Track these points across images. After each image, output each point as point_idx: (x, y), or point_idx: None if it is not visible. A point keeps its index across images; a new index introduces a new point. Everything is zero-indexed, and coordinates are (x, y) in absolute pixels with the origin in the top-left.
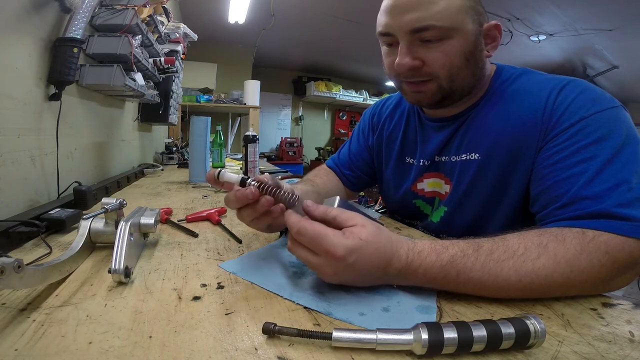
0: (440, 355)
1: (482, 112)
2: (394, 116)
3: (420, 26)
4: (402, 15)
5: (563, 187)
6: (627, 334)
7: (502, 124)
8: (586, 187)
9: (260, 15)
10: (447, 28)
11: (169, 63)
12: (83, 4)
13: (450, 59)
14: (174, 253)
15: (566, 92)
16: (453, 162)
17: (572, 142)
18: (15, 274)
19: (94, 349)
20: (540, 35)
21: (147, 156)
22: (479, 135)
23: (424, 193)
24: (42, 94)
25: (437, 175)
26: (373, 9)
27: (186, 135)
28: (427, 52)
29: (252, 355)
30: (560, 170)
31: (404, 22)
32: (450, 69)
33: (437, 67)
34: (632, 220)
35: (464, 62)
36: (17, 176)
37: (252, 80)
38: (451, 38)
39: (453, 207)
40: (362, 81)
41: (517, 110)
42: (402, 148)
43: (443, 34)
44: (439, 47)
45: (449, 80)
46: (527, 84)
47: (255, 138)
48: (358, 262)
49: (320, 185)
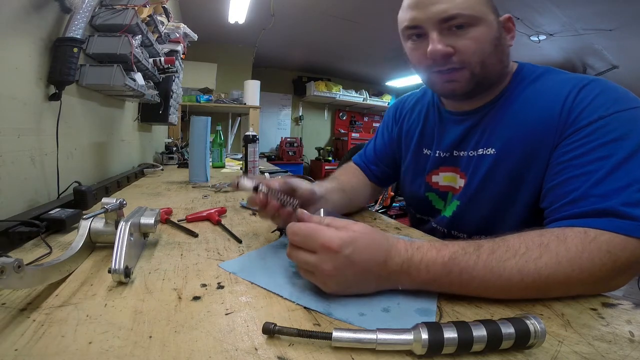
0: (440, 355)
1: (501, 108)
2: (414, 110)
3: (448, 15)
4: (429, 7)
5: (574, 184)
6: (627, 334)
7: (520, 121)
8: (597, 186)
9: (260, 15)
10: (472, 16)
11: (169, 63)
12: (83, 4)
13: (481, 45)
14: (174, 253)
15: (587, 90)
16: (470, 156)
17: (589, 140)
18: (15, 274)
19: (94, 349)
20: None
21: (147, 156)
22: (496, 131)
23: (437, 186)
24: (42, 94)
25: (453, 170)
26: (373, 9)
27: (186, 135)
28: (458, 40)
29: (252, 355)
30: (574, 168)
31: (433, 13)
32: (481, 54)
33: (469, 54)
34: (636, 219)
35: (493, 49)
36: (17, 176)
37: (252, 80)
38: (477, 26)
39: (466, 201)
40: (362, 81)
41: (536, 108)
42: (420, 139)
43: (470, 21)
44: (467, 34)
45: (481, 66)
46: (549, 83)
47: (255, 138)
48: (355, 253)
49: (345, 181)
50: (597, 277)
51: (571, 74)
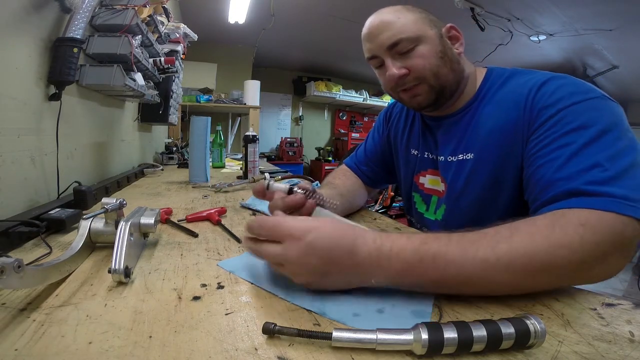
0: (440, 355)
1: (475, 114)
2: (402, 114)
3: (392, 41)
4: (377, 38)
5: (539, 173)
6: (627, 334)
7: (492, 124)
8: (559, 170)
9: (260, 15)
10: (413, 37)
11: (169, 63)
12: (83, 4)
13: (429, 60)
14: (174, 253)
15: (546, 87)
16: (449, 161)
17: (552, 132)
18: (15, 274)
19: (94, 349)
20: (540, 35)
21: (147, 156)
22: (473, 136)
23: (423, 188)
24: (42, 94)
25: (436, 173)
26: (373, 9)
27: (186, 135)
28: (408, 61)
29: (252, 355)
30: (539, 158)
31: (381, 42)
32: (431, 68)
33: (420, 69)
34: (607, 195)
35: (440, 61)
36: (17, 176)
37: (252, 80)
38: (420, 44)
39: (451, 205)
40: (362, 81)
41: (504, 110)
42: (408, 142)
43: (412, 42)
44: (414, 54)
45: (434, 78)
46: (514, 85)
47: (255, 138)
48: (318, 239)
49: (341, 185)
50: (581, 255)
51: (536, 72)
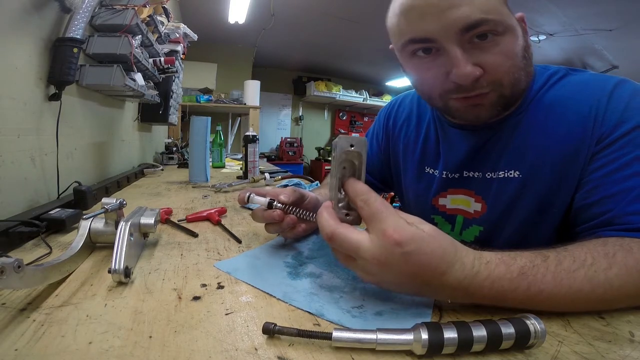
0: (440, 355)
1: (521, 124)
2: (411, 119)
3: (470, 22)
4: (443, 13)
5: (610, 204)
6: (627, 334)
7: (547, 140)
8: (632, 204)
9: (260, 15)
10: (498, 22)
11: (169, 63)
12: (83, 4)
13: (512, 61)
14: (174, 253)
15: (617, 96)
16: (488, 178)
17: (624, 153)
18: (15, 274)
19: (94, 349)
20: (540, 35)
21: (147, 156)
22: (520, 151)
23: (445, 209)
24: (42, 94)
25: (465, 192)
26: (373, 9)
27: (186, 135)
28: (484, 56)
29: (252, 355)
30: (609, 185)
31: (451, 21)
32: (513, 72)
33: (501, 73)
34: None
35: (522, 62)
36: (17, 176)
37: (252, 80)
38: (504, 34)
39: (490, 227)
40: (362, 81)
41: (562, 123)
42: (422, 156)
43: (496, 28)
44: (495, 48)
45: (511, 86)
46: (568, 89)
47: (255, 138)
48: (414, 254)
49: None
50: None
51: (587, 73)
